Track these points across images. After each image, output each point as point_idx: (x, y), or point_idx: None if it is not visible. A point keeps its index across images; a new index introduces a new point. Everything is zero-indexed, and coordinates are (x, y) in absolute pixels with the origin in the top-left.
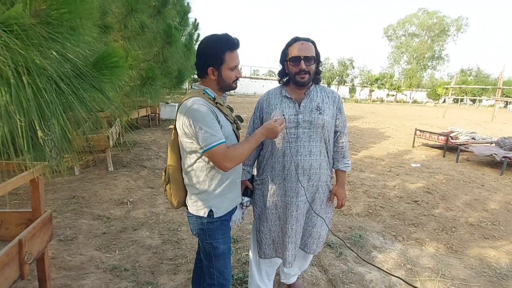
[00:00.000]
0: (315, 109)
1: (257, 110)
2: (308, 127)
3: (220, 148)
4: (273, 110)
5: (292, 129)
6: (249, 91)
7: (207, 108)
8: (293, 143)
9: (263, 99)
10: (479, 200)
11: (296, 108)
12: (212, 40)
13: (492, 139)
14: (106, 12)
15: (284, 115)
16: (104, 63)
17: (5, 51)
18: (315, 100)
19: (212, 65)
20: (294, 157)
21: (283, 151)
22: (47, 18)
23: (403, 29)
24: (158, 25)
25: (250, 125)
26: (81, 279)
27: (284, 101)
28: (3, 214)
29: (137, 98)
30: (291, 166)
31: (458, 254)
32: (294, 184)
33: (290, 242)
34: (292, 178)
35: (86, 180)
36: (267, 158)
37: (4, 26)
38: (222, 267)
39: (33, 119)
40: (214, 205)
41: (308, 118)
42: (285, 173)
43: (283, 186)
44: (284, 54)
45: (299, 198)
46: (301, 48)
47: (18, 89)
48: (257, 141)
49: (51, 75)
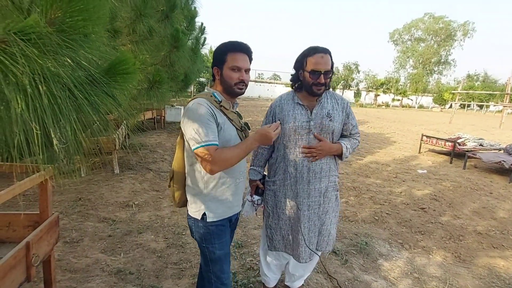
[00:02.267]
0: (326, 116)
1: (270, 115)
2: (318, 133)
3: (207, 149)
4: (285, 116)
5: (304, 135)
6: (254, 95)
7: (205, 108)
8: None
9: (276, 104)
10: (487, 208)
11: (308, 115)
12: (220, 44)
13: (500, 146)
14: (115, 17)
15: (280, 121)
16: (116, 70)
17: (23, 60)
18: (326, 107)
19: (217, 65)
20: (305, 161)
21: (295, 155)
22: (62, 25)
23: (409, 34)
24: (166, 29)
25: None
26: (86, 282)
27: (297, 107)
28: (11, 216)
29: (144, 101)
30: (303, 170)
31: (466, 263)
32: (305, 186)
33: (303, 239)
34: (304, 180)
35: (92, 182)
36: (279, 161)
37: (22, 35)
38: (219, 272)
39: (49, 127)
40: (208, 209)
41: (319, 124)
42: (297, 176)
43: (295, 188)
44: (300, 63)
45: (311, 199)
46: (321, 62)
47: (34, 97)
48: (248, 147)
49: (65, 82)
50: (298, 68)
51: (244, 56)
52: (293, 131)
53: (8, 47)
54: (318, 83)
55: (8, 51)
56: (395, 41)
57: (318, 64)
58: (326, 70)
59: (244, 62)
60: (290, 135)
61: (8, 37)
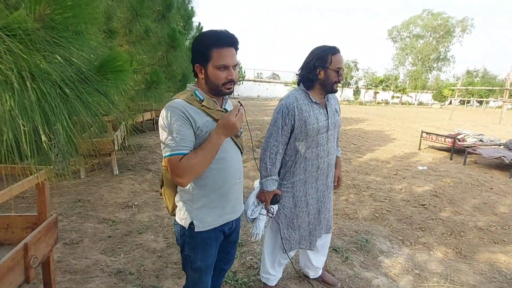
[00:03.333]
0: (335, 112)
1: (286, 117)
2: (333, 128)
3: (172, 160)
4: (307, 117)
5: (324, 133)
6: (253, 94)
7: (177, 113)
8: (325, 145)
9: (293, 105)
10: (488, 204)
11: (325, 113)
12: (201, 36)
13: (500, 141)
14: (111, 17)
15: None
16: (108, 67)
17: (8, 56)
18: (331, 103)
19: (199, 62)
20: (326, 158)
21: (317, 154)
22: (51, 22)
23: (407, 31)
24: (163, 29)
25: (274, 135)
26: (86, 283)
27: (314, 107)
28: (9, 218)
29: (142, 102)
30: (324, 166)
31: (467, 259)
32: (325, 180)
33: (321, 229)
34: (324, 175)
35: (92, 184)
36: (299, 162)
37: (7, 31)
38: (197, 280)
39: (37, 124)
40: (196, 217)
41: (333, 121)
42: (318, 173)
43: (315, 185)
44: (322, 61)
45: (328, 190)
46: (342, 61)
47: (22, 94)
48: (214, 145)
49: (55, 80)
50: (319, 65)
51: (231, 51)
52: (316, 131)
53: None
54: (339, 81)
55: None
56: (394, 38)
57: (341, 63)
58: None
59: (232, 58)
60: (314, 136)
61: None
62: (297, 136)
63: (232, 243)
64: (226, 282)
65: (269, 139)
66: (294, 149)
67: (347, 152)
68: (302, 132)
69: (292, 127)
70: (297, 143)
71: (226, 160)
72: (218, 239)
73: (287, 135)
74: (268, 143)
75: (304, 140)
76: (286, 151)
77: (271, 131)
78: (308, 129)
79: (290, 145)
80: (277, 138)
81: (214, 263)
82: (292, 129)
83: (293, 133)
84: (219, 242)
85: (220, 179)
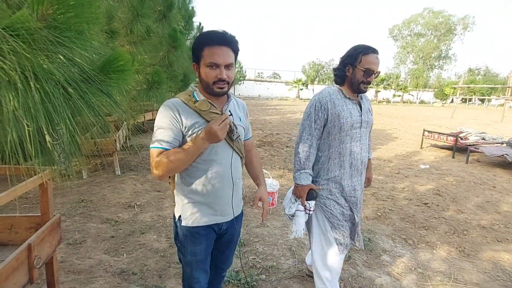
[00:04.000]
0: (368, 111)
1: (319, 111)
2: (366, 126)
3: (152, 152)
4: (341, 111)
5: (357, 129)
6: (254, 94)
7: (167, 111)
8: (358, 142)
9: (326, 99)
10: (491, 202)
11: (358, 110)
12: (198, 35)
13: (502, 139)
14: (113, 18)
15: (231, 112)
16: (111, 67)
17: (11, 56)
18: (364, 102)
19: (194, 61)
20: (359, 155)
21: (350, 149)
22: (53, 22)
23: (408, 29)
24: (164, 29)
25: (307, 129)
26: (90, 283)
27: (348, 102)
28: (12, 219)
29: (143, 102)
30: (358, 163)
31: (470, 257)
32: (359, 178)
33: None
34: (358, 172)
35: (94, 184)
36: (334, 158)
37: (11, 31)
38: (188, 274)
39: (41, 124)
40: (183, 212)
41: (366, 118)
42: (352, 169)
43: (350, 182)
44: (353, 59)
45: (361, 189)
46: (376, 62)
47: (25, 94)
48: (196, 148)
49: (58, 80)
50: (348, 63)
51: (223, 50)
52: (350, 126)
53: None
54: (368, 82)
55: None
56: (395, 36)
57: (373, 64)
58: (377, 71)
59: (223, 57)
60: (348, 130)
61: None
62: (330, 130)
63: (226, 243)
64: (228, 281)
65: (302, 133)
66: (327, 144)
67: None
68: (335, 126)
69: (325, 121)
70: (331, 137)
71: (217, 163)
72: (209, 237)
73: (320, 129)
74: (302, 137)
75: (338, 134)
76: (319, 146)
77: (304, 125)
78: (341, 123)
79: (323, 140)
80: (310, 132)
81: (207, 261)
82: (325, 123)
83: (326, 127)
84: (211, 239)
85: (207, 180)
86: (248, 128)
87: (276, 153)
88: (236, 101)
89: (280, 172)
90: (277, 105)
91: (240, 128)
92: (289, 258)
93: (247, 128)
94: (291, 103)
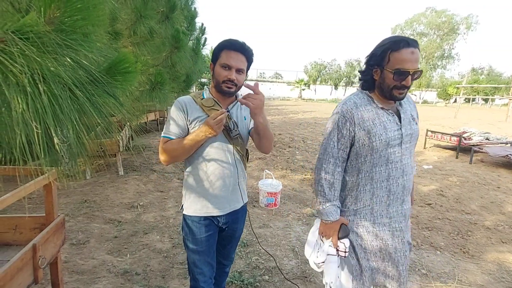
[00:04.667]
0: (411, 120)
1: (343, 128)
2: (409, 141)
3: (161, 140)
4: (372, 127)
5: (396, 147)
6: None
7: (178, 105)
8: (398, 163)
9: (352, 112)
10: (496, 203)
11: (397, 121)
12: (221, 41)
13: (507, 140)
14: (116, 19)
15: (228, 110)
16: (117, 69)
17: (21, 59)
18: (405, 108)
19: (212, 61)
20: (400, 179)
21: (387, 173)
22: (61, 25)
23: (411, 29)
24: (166, 30)
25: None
26: (93, 283)
27: (381, 113)
28: (17, 219)
29: (146, 102)
30: (398, 189)
31: (475, 259)
32: (399, 207)
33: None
34: (398, 201)
35: (98, 184)
36: (364, 184)
37: (20, 34)
38: (192, 264)
39: (49, 126)
40: (185, 201)
41: (410, 131)
42: (390, 198)
43: (386, 213)
44: (379, 58)
45: (405, 219)
46: (411, 59)
47: (34, 97)
48: (195, 138)
49: (65, 82)
50: (374, 64)
51: (238, 55)
52: (385, 144)
53: (7, 47)
54: (403, 86)
55: (7, 50)
56: None
57: (406, 62)
58: (415, 70)
59: (236, 62)
60: (382, 150)
61: (6, 36)
62: (358, 151)
63: (227, 238)
64: (232, 282)
65: (323, 155)
66: (356, 168)
67: None
68: (365, 146)
69: (352, 139)
70: (360, 160)
71: (213, 159)
72: (210, 228)
73: (345, 149)
74: (322, 160)
75: (369, 156)
76: (346, 169)
77: (325, 146)
78: (373, 142)
79: (350, 162)
80: (332, 154)
81: (211, 254)
82: (352, 142)
83: (354, 147)
84: (213, 232)
85: (206, 175)
86: None
87: (278, 153)
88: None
89: (282, 173)
90: (279, 105)
91: (242, 127)
92: (292, 259)
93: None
94: (293, 103)
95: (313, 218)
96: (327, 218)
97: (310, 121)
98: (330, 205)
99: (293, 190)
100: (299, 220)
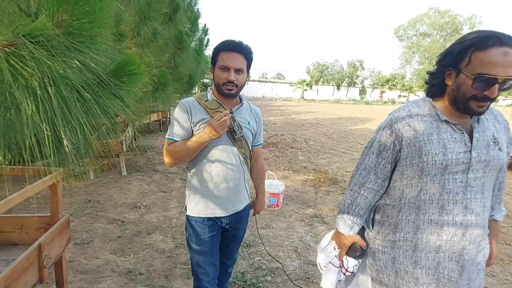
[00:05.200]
0: (492, 143)
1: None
2: (483, 170)
3: (166, 142)
4: (427, 143)
5: (459, 174)
6: (258, 95)
7: (180, 106)
8: (458, 195)
9: (402, 122)
10: None
11: (466, 141)
12: (219, 43)
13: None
14: (120, 21)
15: (232, 111)
16: (123, 71)
17: (32, 62)
18: (484, 125)
19: (212, 64)
20: (461, 217)
21: (441, 205)
22: (68, 28)
23: (414, 29)
24: (170, 31)
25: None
26: (97, 283)
27: (443, 128)
28: (23, 219)
29: (149, 103)
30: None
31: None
32: (456, 260)
33: None
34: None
35: (101, 184)
36: (406, 210)
37: (31, 37)
38: (195, 264)
39: (58, 128)
40: (189, 202)
41: (485, 156)
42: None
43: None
44: (456, 59)
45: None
46: (502, 62)
47: (44, 99)
48: (199, 140)
49: (74, 84)
50: (449, 64)
51: (235, 55)
52: (442, 167)
53: (17, 50)
54: (485, 98)
55: (18, 54)
56: (400, 36)
57: (495, 66)
58: (507, 76)
59: (234, 62)
60: (436, 174)
61: (17, 39)
62: (404, 170)
63: (230, 238)
64: (234, 282)
65: (359, 165)
66: (400, 190)
67: (354, 152)
68: (413, 165)
69: (397, 155)
70: (405, 181)
71: (220, 161)
72: (213, 229)
73: (386, 164)
74: (357, 170)
75: (417, 178)
76: (388, 191)
77: (364, 156)
78: (424, 162)
79: (393, 182)
80: (368, 167)
81: (214, 254)
82: (398, 159)
83: (400, 164)
84: (216, 232)
85: (210, 177)
86: (258, 135)
87: (280, 154)
88: (250, 107)
89: (285, 173)
90: (281, 106)
91: (246, 131)
92: (295, 259)
93: (257, 134)
94: (295, 103)
95: (316, 219)
96: (338, 229)
97: (312, 122)
98: (345, 217)
99: (295, 191)
100: (302, 221)
